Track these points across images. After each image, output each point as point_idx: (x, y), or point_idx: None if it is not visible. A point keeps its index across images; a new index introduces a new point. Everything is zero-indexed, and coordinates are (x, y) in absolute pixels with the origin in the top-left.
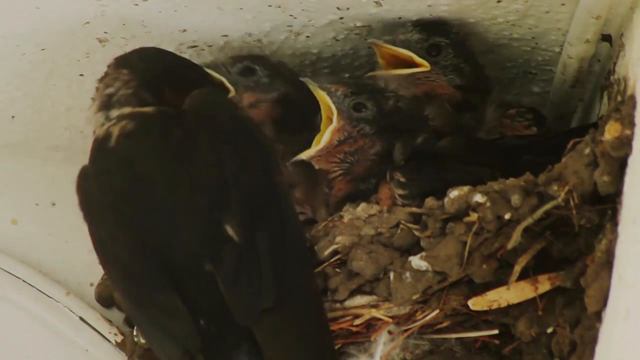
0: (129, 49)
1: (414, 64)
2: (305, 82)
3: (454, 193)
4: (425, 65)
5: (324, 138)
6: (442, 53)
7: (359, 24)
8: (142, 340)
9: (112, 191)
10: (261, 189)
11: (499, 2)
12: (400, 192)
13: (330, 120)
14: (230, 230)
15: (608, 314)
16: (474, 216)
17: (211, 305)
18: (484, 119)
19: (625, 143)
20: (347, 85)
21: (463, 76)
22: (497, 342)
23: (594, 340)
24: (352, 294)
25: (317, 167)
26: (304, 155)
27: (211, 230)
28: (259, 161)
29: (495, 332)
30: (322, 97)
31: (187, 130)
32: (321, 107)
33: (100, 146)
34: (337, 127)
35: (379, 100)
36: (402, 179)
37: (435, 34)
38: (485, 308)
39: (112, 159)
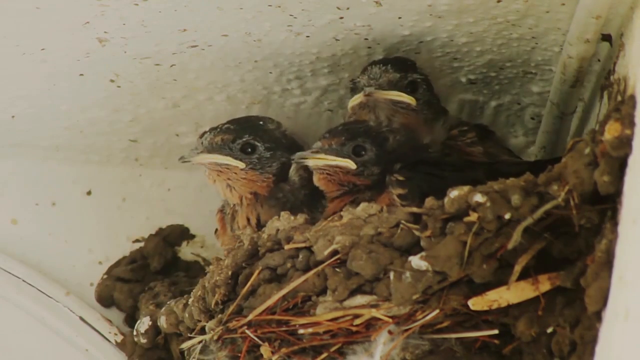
0: (129, 48)
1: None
2: (296, 162)
3: (454, 193)
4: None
5: (333, 161)
6: (418, 89)
7: (359, 24)
8: (143, 340)
9: None
10: None
11: (499, 2)
12: (400, 191)
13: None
14: None
15: (608, 314)
16: (474, 216)
17: None
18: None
19: (625, 143)
20: (336, 135)
21: (431, 109)
22: (497, 342)
23: (594, 340)
24: (352, 293)
25: (317, 184)
26: (311, 162)
27: None
28: None
29: (495, 332)
30: (325, 161)
31: None
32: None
33: None
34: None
35: (377, 140)
36: (401, 178)
37: (410, 71)
38: (485, 308)
39: None
